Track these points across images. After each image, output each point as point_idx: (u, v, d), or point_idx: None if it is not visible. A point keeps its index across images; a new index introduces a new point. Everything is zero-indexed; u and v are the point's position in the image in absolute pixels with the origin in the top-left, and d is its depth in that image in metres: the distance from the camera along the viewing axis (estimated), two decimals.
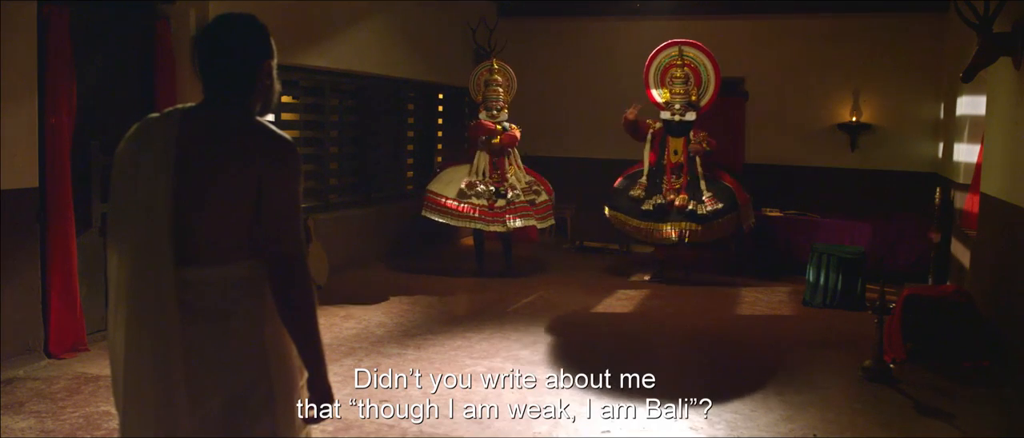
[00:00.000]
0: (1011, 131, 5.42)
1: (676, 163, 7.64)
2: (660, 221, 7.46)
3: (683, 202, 7.42)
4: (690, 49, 7.72)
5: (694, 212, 7.36)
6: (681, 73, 7.66)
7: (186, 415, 1.96)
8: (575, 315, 6.53)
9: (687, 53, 7.70)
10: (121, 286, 1.99)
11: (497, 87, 8.05)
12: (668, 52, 7.77)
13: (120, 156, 2.04)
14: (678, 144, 7.65)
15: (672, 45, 7.76)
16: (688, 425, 4.20)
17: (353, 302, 6.67)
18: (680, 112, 7.60)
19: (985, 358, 5.28)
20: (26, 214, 4.82)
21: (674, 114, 7.63)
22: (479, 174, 7.77)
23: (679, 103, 7.61)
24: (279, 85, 2.19)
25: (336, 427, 3.99)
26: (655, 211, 7.48)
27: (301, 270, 2.01)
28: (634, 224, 7.62)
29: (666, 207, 7.47)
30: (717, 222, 7.39)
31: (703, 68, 7.69)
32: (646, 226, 7.54)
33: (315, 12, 7.14)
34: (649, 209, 7.50)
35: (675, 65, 7.71)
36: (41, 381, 4.58)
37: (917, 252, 7.96)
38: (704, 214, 7.34)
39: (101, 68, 5.42)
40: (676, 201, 7.45)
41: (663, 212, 7.47)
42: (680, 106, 7.60)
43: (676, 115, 7.62)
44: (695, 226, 7.34)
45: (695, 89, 7.66)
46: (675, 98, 7.65)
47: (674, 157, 7.65)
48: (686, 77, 7.65)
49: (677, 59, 7.71)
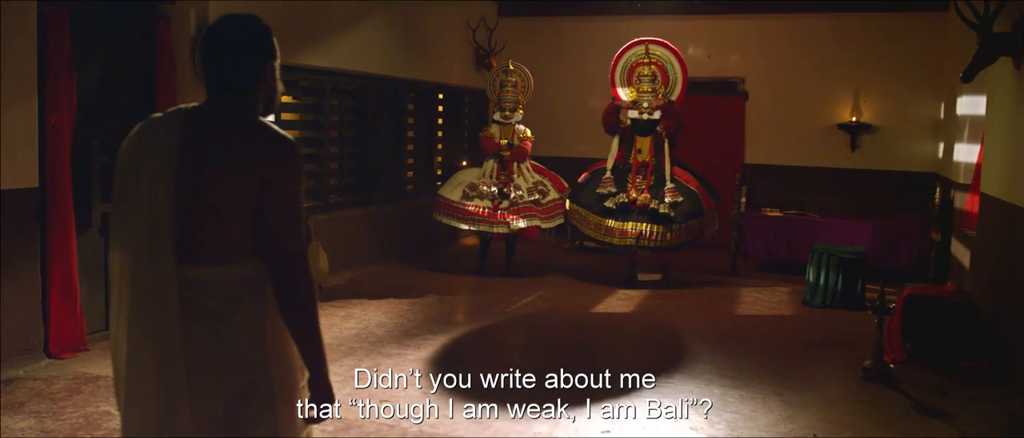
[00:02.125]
0: (1011, 131, 5.42)
1: (641, 162, 7.52)
2: (621, 220, 7.30)
3: (645, 201, 7.27)
4: (656, 47, 7.63)
5: (656, 211, 7.20)
6: (648, 71, 7.57)
7: (187, 415, 1.96)
8: (575, 315, 6.53)
9: (653, 51, 7.61)
10: (123, 286, 1.99)
11: (511, 88, 8.06)
12: (634, 50, 7.68)
13: (123, 156, 2.04)
14: (644, 143, 7.54)
15: (638, 43, 7.67)
16: (688, 425, 4.20)
17: (353, 302, 6.67)
18: (648, 110, 7.51)
19: (985, 358, 5.28)
20: (26, 214, 4.81)
21: (643, 113, 7.53)
22: (487, 176, 7.81)
23: (647, 101, 7.52)
24: (281, 85, 2.19)
25: (336, 427, 3.99)
26: (617, 209, 7.35)
27: (303, 270, 2.01)
28: (594, 221, 7.47)
29: (628, 206, 7.34)
30: (677, 226, 7.19)
31: (670, 66, 7.59)
32: (605, 223, 7.36)
33: (315, 12, 7.14)
34: (611, 207, 7.37)
35: (642, 63, 7.62)
36: (41, 381, 4.58)
37: (917, 252, 7.96)
38: (664, 213, 7.17)
39: (101, 68, 5.42)
40: (638, 200, 7.31)
41: (625, 211, 7.33)
42: (648, 104, 7.51)
43: (644, 114, 7.52)
44: (656, 227, 7.17)
45: (662, 88, 7.57)
46: (643, 97, 7.55)
47: (639, 156, 7.53)
48: (653, 75, 7.56)
49: (644, 58, 7.62)
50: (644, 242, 7.23)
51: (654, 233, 7.19)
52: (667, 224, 7.18)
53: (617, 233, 7.32)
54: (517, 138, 7.95)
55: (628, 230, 7.26)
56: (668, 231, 7.18)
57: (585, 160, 9.90)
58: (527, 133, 8.00)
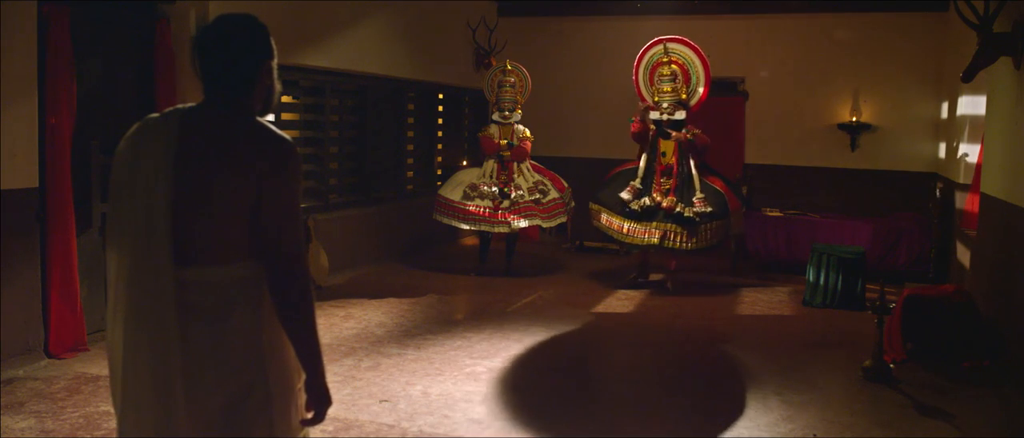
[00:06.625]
0: (1011, 131, 5.42)
1: (666, 165, 7.32)
2: (645, 221, 7.14)
3: (671, 204, 7.08)
4: (676, 45, 7.41)
5: (681, 215, 7.03)
6: (668, 71, 7.34)
7: (184, 415, 1.96)
8: (575, 315, 6.53)
9: (672, 50, 7.40)
10: (120, 286, 1.99)
11: (509, 88, 8.06)
12: (654, 50, 7.47)
13: (120, 156, 2.04)
14: (668, 146, 7.35)
15: (658, 43, 7.47)
16: (688, 425, 4.20)
17: (353, 302, 6.67)
18: (668, 111, 7.31)
19: (985, 358, 5.28)
20: (26, 214, 4.81)
21: (663, 114, 7.34)
22: (487, 176, 7.82)
23: (667, 102, 7.33)
24: (279, 85, 2.19)
25: (336, 427, 3.99)
26: (642, 212, 7.18)
27: (300, 271, 2.01)
28: (617, 223, 7.30)
29: (654, 209, 7.17)
30: (704, 227, 7.03)
31: (691, 65, 7.38)
32: (629, 225, 7.21)
33: (315, 12, 7.14)
34: (636, 210, 7.19)
35: (661, 63, 7.40)
36: (41, 381, 4.58)
37: (917, 252, 7.96)
38: (689, 217, 7.01)
39: (101, 68, 5.42)
40: (664, 203, 7.12)
41: (650, 213, 7.17)
42: (668, 105, 7.32)
43: (664, 114, 7.33)
44: (680, 229, 7.01)
45: (684, 87, 7.34)
46: (663, 97, 7.36)
47: (664, 159, 7.34)
48: (673, 75, 7.33)
49: (663, 57, 7.40)
50: (668, 243, 7.06)
51: (679, 236, 7.01)
52: (692, 227, 7.01)
53: (640, 234, 7.15)
54: (516, 138, 7.96)
55: (652, 230, 7.09)
56: (694, 235, 7.00)
57: (585, 160, 9.94)
58: (527, 133, 8.00)
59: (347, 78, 7.85)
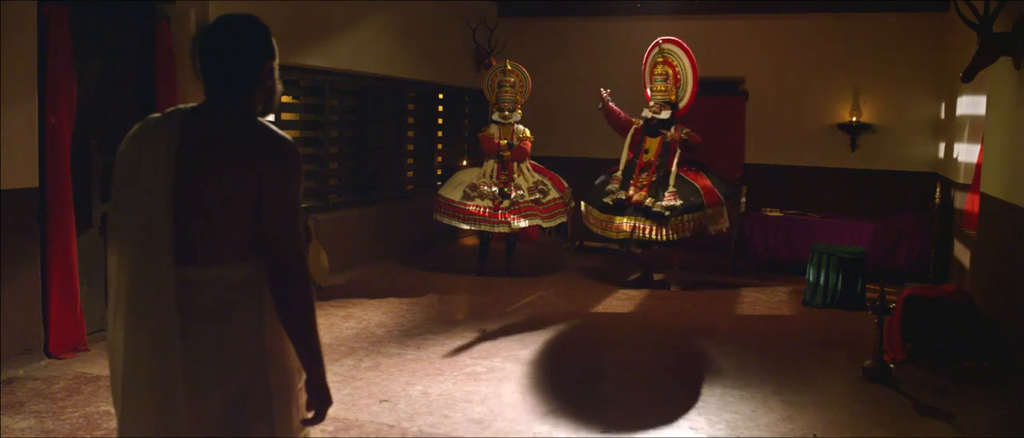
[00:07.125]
0: (1011, 131, 5.42)
1: (646, 162, 7.54)
2: (618, 215, 7.36)
3: (640, 198, 7.30)
4: (669, 46, 7.60)
5: (649, 209, 7.22)
6: (661, 71, 7.57)
7: (184, 415, 1.96)
8: (575, 315, 6.53)
9: (666, 50, 7.59)
10: (121, 286, 1.98)
11: (509, 88, 8.06)
12: (654, 51, 7.68)
13: (121, 156, 2.04)
14: (652, 144, 7.56)
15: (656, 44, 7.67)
16: (688, 425, 4.20)
17: (353, 302, 6.67)
18: (655, 110, 7.52)
19: (985, 358, 5.28)
20: (26, 214, 4.82)
21: (650, 112, 7.57)
22: (487, 176, 7.82)
23: (656, 101, 7.54)
24: (280, 85, 2.19)
25: (336, 427, 3.99)
26: (614, 205, 7.40)
27: (300, 271, 2.01)
28: (595, 216, 7.56)
29: (625, 202, 7.38)
30: (675, 220, 7.15)
31: (683, 69, 7.57)
32: (604, 218, 7.46)
33: (315, 12, 7.14)
34: (609, 203, 7.43)
35: (657, 63, 7.63)
36: (41, 381, 4.58)
37: (917, 252, 7.96)
38: (657, 211, 7.17)
39: (101, 68, 5.42)
40: (634, 197, 7.34)
41: (621, 207, 7.38)
42: (655, 104, 7.53)
43: (651, 113, 7.55)
44: (648, 223, 7.19)
45: (674, 88, 7.54)
46: (655, 95, 7.58)
47: (645, 156, 7.56)
48: (665, 75, 7.55)
49: (659, 57, 7.62)
50: (639, 235, 7.25)
51: (649, 229, 7.20)
52: (660, 221, 7.18)
53: (613, 228, 7.39)
54: (516, 138, 7.96)
55: (623, 225, 7.31)
56: (663, 227, 7.17)
57: (584, 160, 9.94)
58: (527, 133, 8.01)
59: (347, 78, 7.85)
